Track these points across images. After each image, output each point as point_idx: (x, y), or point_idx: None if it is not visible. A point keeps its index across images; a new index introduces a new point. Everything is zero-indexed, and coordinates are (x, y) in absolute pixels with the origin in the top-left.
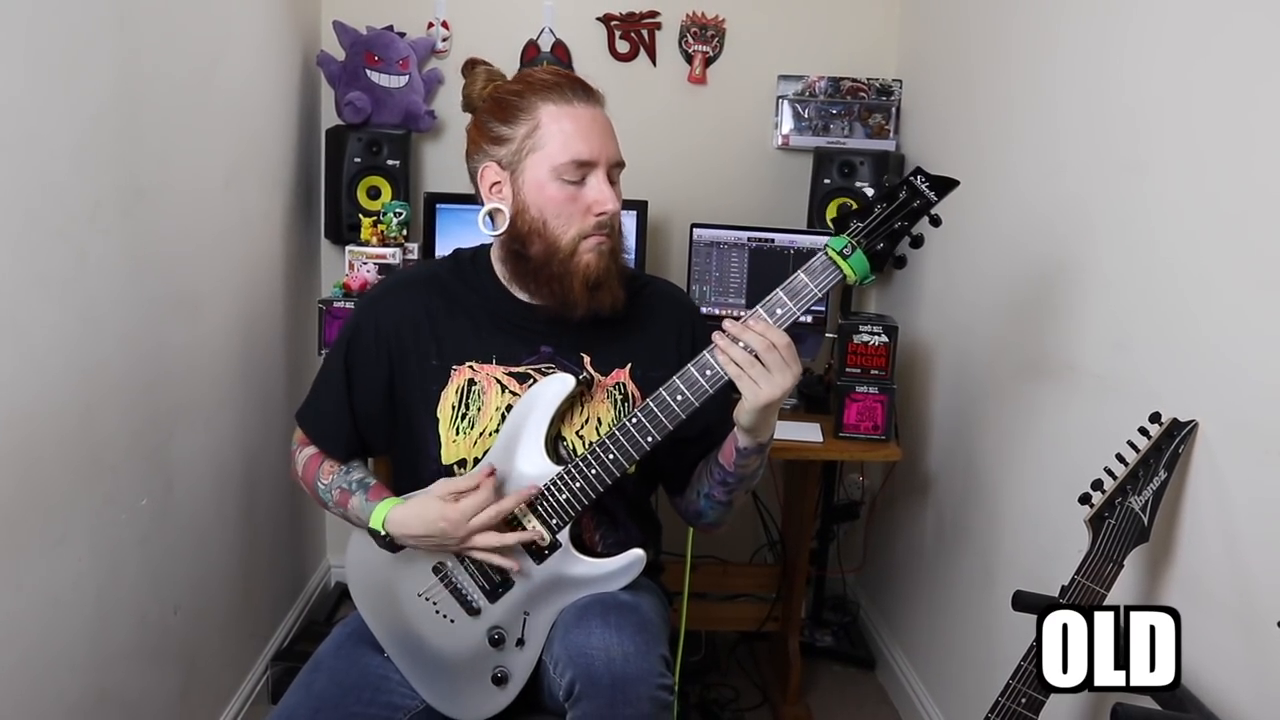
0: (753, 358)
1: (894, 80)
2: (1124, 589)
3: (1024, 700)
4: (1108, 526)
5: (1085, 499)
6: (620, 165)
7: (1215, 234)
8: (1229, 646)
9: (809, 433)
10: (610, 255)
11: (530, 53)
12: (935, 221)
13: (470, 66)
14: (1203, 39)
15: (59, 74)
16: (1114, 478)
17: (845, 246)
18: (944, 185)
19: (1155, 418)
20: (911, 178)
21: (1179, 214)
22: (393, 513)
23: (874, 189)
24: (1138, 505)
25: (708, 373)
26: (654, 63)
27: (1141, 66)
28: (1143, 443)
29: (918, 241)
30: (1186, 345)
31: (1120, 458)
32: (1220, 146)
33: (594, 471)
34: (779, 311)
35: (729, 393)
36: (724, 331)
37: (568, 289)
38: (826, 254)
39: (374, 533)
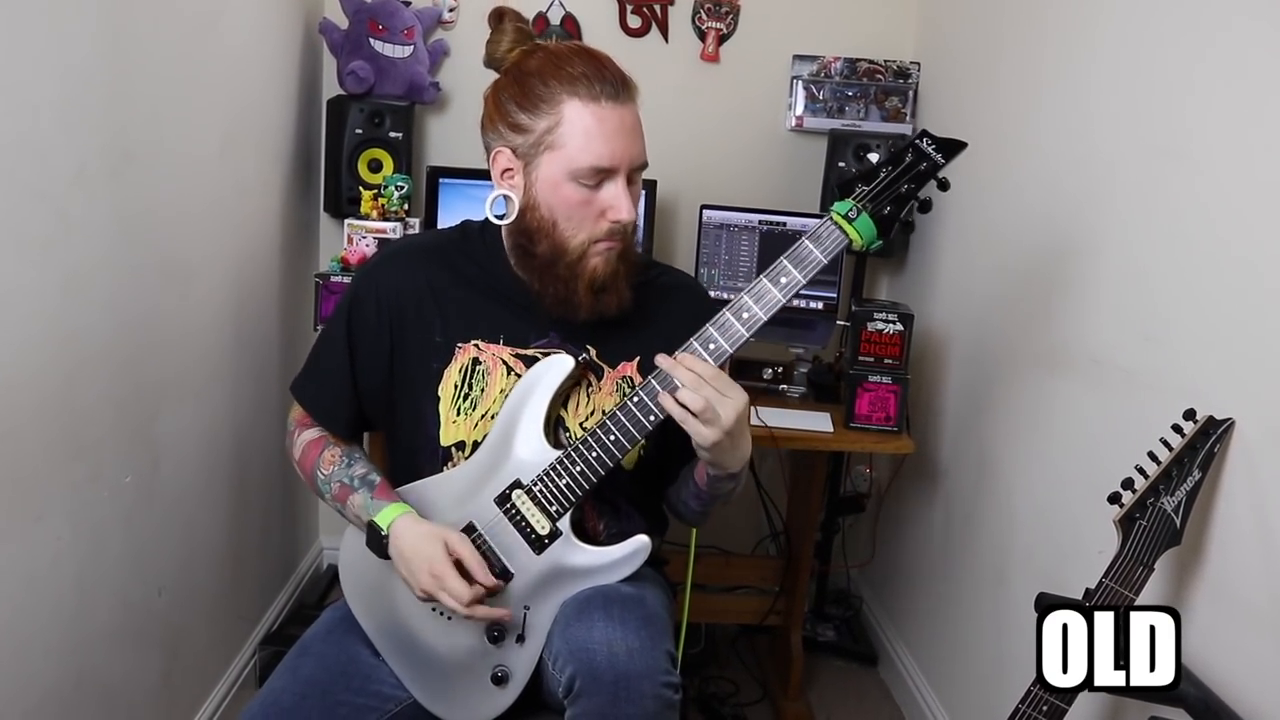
0: (696, 397)
1: (912, 63)
2: (1150, 593)
3: (1046, 707)
4: (1139, 528)
5: (1115, 498)
6: (643, 166)
7: (1256, 224)
8: (1262, 654)
9: (819, 422)
10: (619, 259)
11: (539, 25)
12: (943, 185)
13: (498, 18)
14: (1246, 21)
15: (41, 22)
16: (1146, 477)
17: (850, 210)
18: (951, 148)
19: (1190, 415)
20: (918, 140)
21: (1216, 203)
22: (401, 522)
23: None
24: (1170, 506)
25: (710, 347)
26: (666, 39)
27: (1184, 49)
28: (1176, 440)
29: (925, 206)
30: (1223, 341)
31: (1153, 456)
32: (1268, 133)
33: (594, 454)
34: (783, 280)
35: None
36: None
37: (572, 291)
38: (831, 219)
39: (374, 529)
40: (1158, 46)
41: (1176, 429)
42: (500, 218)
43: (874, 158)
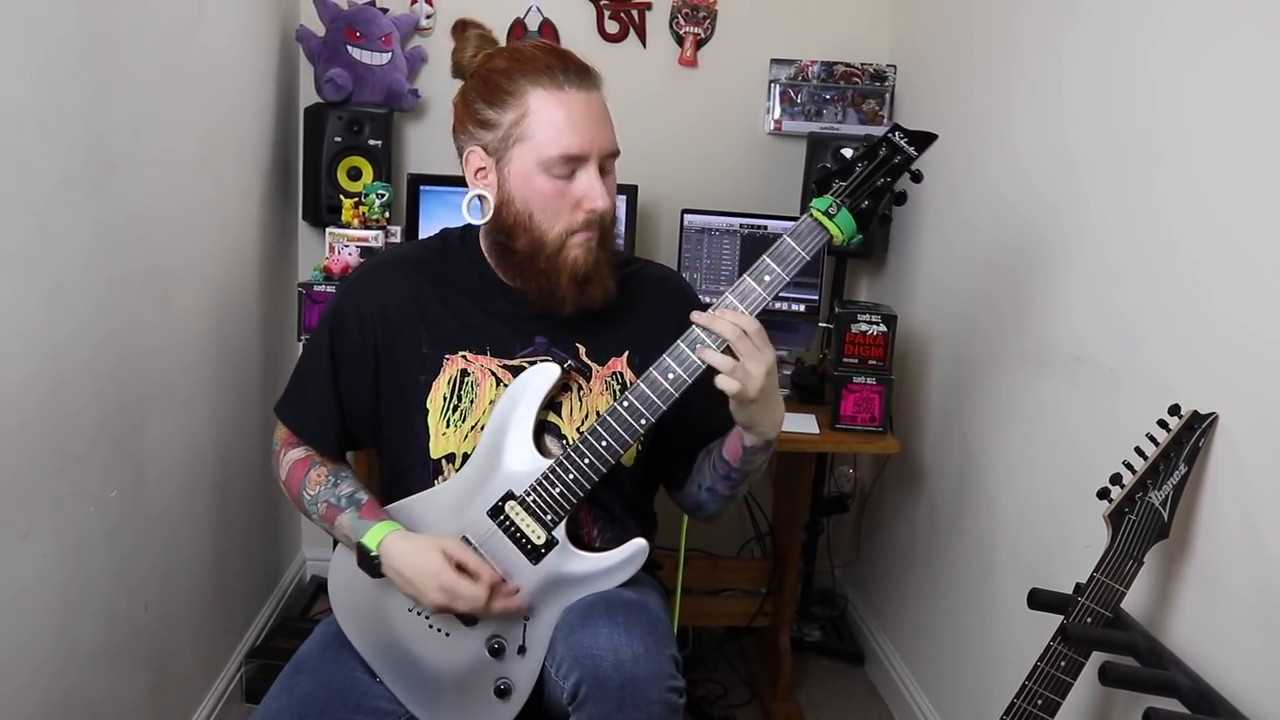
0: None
1: (888, 65)
2: (1139, 587)
3: (1040, 702)
4: (1128, 522)
5: (1104, 494)
6: (614, 154)
7: (1235, 223)
8: (1250, 643)
9: (805, 424)
10: (599, 248)
11: (517, 31)
12: (917, 177)
13: (460, 29)
14: (1225, 20)
15: (22, 36)
16: (1133, 472)
17: (830, 206)
18: (923, 140)
19: (1174, 410)
20: (890, 134)
21: (1196, 202)
22: (390, 541)
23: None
24: (1158, 500)
25: (698, 347)
26: (644, 44)
27: (1159, 50)
28: (1162, 436)
29: (901, 198)
30: (1204, 337)
31: (1139, 451)
32: (1243, 132)
33: (587, 461)
34: (766, 279)
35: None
36: (693, 324)
37: (554, 285)
38: (812, 215)
39: (364, 551)
40: (1130, 47)
41: (1162, 424)
42: (478, 218)
43: (848, 153)
